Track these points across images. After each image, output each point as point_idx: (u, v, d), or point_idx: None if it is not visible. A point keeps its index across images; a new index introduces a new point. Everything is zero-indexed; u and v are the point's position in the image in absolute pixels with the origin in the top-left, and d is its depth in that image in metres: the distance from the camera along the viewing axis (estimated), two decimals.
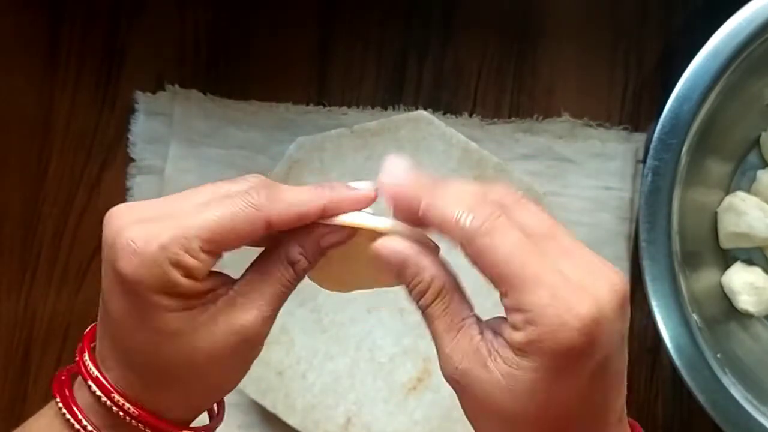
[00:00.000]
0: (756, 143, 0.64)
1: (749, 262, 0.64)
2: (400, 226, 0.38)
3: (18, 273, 0.67)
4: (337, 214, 0.39)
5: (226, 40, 0.68)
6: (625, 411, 0.39)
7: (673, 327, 0.56)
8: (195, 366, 0.38)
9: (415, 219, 0.38)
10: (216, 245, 0.37)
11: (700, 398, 0.56)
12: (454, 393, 0.36)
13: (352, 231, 0.39)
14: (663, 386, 0.65)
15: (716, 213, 0.63)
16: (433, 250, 0.39)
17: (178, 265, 0.36)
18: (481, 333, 0.37)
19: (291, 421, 0.63)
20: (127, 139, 0.67)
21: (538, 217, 0.37)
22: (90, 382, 0.39)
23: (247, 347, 0.39)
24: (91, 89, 0.68)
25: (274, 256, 0.39)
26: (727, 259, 0.64)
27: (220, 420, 0.44)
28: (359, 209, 0.39)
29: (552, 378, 0.35)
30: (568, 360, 0.34)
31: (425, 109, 0.66)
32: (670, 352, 0.56)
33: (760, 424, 0.56)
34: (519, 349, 0.35)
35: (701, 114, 0.57)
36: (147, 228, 0.36)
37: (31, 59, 0.68)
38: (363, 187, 0.40)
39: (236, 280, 0.39)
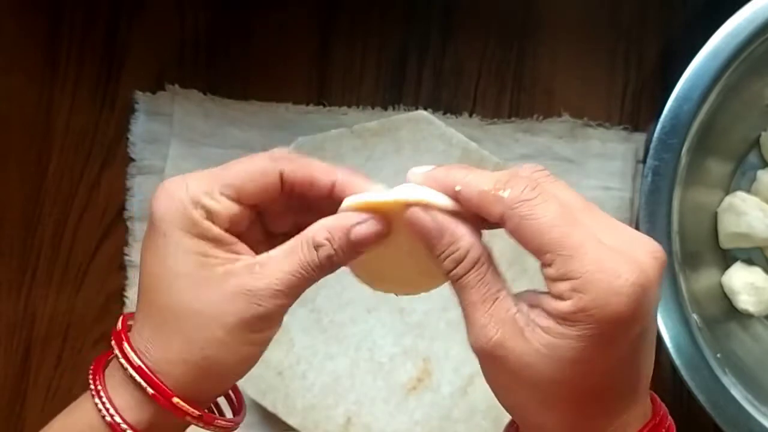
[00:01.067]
0: (756, 143, 0.64)
1: (749, 262, 0.64)
2: (433, 196, 0.38)
3: (18, 273, 0.67)
4: (348, 194, 0.39)
5: (226, 40, 0.68)
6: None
7: (673, 327, 0.56)
8: (198, 317, 0.38)
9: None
10: (234, 189, 0.39)
11: (700, 398, 0.56)
12: (453, 393, 0.36)
13: (386, 228, 0.38)
14: (663, 386, 0.65)
15: (716, 213, 0.63)
16: (468, 221, 0.38)
17: (198, 204, 0.39)
18: (516, 305, 0.36)
19: (291, 421, 0.63)
20: (127, 138, 0.67)
21: (569, 192, 0.37)
22: (122, 361, 0.39)
23: (253, 316, 0.38)
24: (91, 89, 0.68)
25: (300, 237, 0.39)
26: (727, 259, 0.64)
27: (242, 416, 0.44)
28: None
29: (596, 346, 0.35)
30: (615, 327, 0.34)
31: (425, 109, 0.66)
32: (670, 352, 0.56)
33: (760, 424, 0.56)
34: (564, 318, 0.35)
35: (701, 114, 0.57)
36: (182, 178, 0.40)
37: (31, 59, 0.68)
38: (379, 186, 0.40)
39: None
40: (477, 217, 0.38)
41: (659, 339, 0.56)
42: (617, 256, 0.34)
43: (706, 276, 0.62)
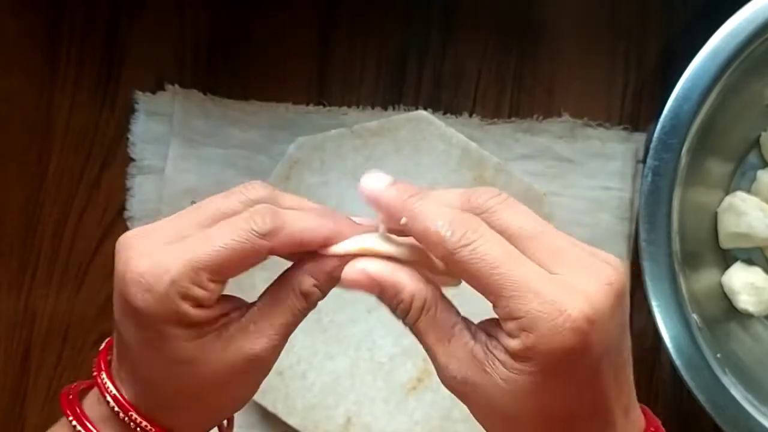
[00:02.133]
0: (756, 143, 0.64)
1: (749, 262, 0.64)
2: (400, 247, 0.38)
3: (18, 273, 0.67)
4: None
5: (226, 40, 0.68)
6: (635, 402, 0.39)
7: (673, 327, 0.56)
8: (207, 390, 0.39)
9: (400, 231, 0.38)
10: (223, 275, 0.37)
11: (700, 398, 0.56)
12: None
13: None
14: (663, 386, 0.65)
15: (716, 213, 0.63)
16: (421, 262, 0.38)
17: (187, 297, 0.37)
18: (474, 337, 0.37)
19: (291, 421, 0.63)
20: (127, 139, 0.67)
21: (524, 217, 0.37)
22: (109, 399, 0.40)
23: (257, 372, 0.40)
24: (91, 89, 0.68)
25: (286, 285, 0.39)
26: (727, 259, 0.64)
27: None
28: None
29: (551, 380, 0.35)
30: (566, 361, 0.34)
31: (425, 109, 0.66)
32: (670, 352, 0.56)
33: (760, 424, 0.56)
34: (516, 355, 0.35)
35: (701, 114, 0.57)
36: (155, 261, 0.37)
37: (31, 59, 0.68)
38: (366, 222, 0.40)
39: (249, 304, 0.40)
40: None
41: (659, 339, 0.56)
42: (562, 290, 0.34)
43: (706, 276, 0.62)
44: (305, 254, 0.39)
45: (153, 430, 0.40)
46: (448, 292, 0.39)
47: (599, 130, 0.66)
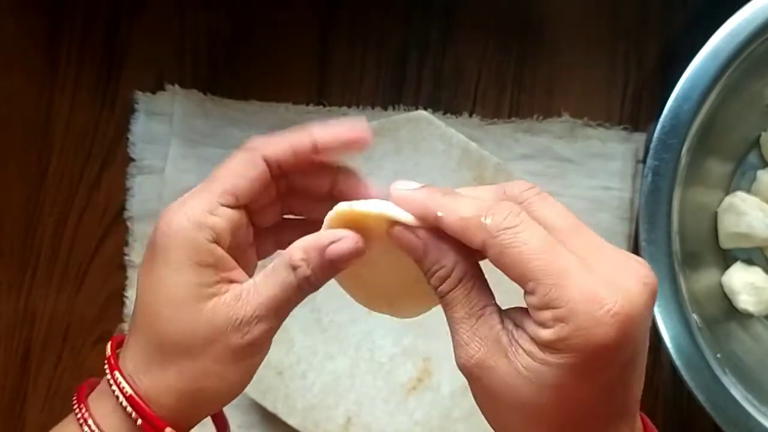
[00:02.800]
0: (756, 143, 0.64)
1: (749, 262, 0.64)
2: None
3: (18, 273, 0.67)
4: (333, 144, 0.41)
5: (226, 40, 0.68)
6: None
7: (673, 327, 0.56)
8: (190, 348, 0.39)
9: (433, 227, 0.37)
10: (231, 195, 0.40)
11: (700, 398, 0.56)
12: (454, 393, 0.36)
13: (362, 244, 0.38)
14: (663, 386, 0.65)
15: (716, 213, 0.63)
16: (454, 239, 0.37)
17: (202, 226, 0.39)
18: (502, 323, 0.36)
19: (291, 421, 0.63)
20: (127, 139, 0.67)
21: (559, 211, 0.36)
22: (105, 364, 0.40)
23: (241, 345, 0.39)
24: (91, 89, 0.68)
25: (280, 259, 0.39)
26: (727, 259, 0.64)
27: None
28: (352, 138, 0.41)
29: (580, 375, 0.34)
30: (600, 357, 0.34)
31: (425, 109, 0.66)
32: (670, 352, 0.56)
33: (760, 424, 0.56)
34: (546, 346, 0.34)
35: (701, 114, 0.57)
36: (179, 204, 0.40)
37: (31, 59, 0.68)
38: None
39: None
40: None
41: (659, 339, 0.56)
42: (602, 284, 0.34)
43: (706, 276, 0.62)
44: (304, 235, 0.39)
45: (151, 413, 0.39)
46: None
47: (599, 130, 0.66)
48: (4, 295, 0.67)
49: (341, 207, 0.39)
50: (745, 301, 0.61)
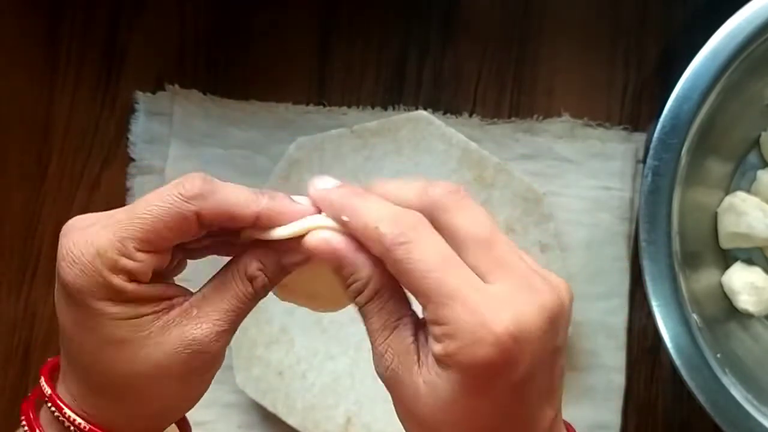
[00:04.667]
0: (756, 143, 0.64)
1: (749, 262, 0.63)
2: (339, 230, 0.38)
3: (18, 273, 0.67)
4: (272, 225, 0.38)
5: (226, 40, 0.68)
6: (560, 418, 0.38)
7: (673, 327, 0.56)
8: (145, 377, 0.37)
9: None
10: (150, 243, 0.37)
11: (700, 398, 0.56)
12: None
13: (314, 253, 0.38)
14: (663, 386, 0.65)
15: (716, 213, 0.63)
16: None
17: (116, 269, 0.36)
18: (415, 335, 0.36)
19: (291, 421, 0.63)
20: (127, 139, 0.67)
21: (477, 220, 0.36)
22: (46, 400, 0.39)
23: (200, 362, 0.38)
24: (91, 89, 0.68)
25: (232, 269, 0.38)
26: (727, 259, 0.64)
27: None
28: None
29: (469, 392, 0.34)
30: (485, 375, 0.34)
31: (425, 109, 0.66)
32: (670, 352, 0.56)
33: (760, 424, 0.56)
34: (439, 361, 0.34)
35: (701, 114, 0.57)
36: (84, 235, 0.37)
37: (31, 59, 0.68)
38: (304, 203, 0.39)
39: (196, 291, 0.39)
40: None
41: (659, 339, 0.56)
42: (492, 304, 0.34)
43: (706, 276, 0.62)
44: (253, 243, 0.38)
45: (87, 426, 0.38)
46: None
47: (599, 130, 0.66)
48: (4, 295, 0.67)
49: (278, 233, 0.38)
50: (745, 301, 0.61)
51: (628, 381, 0.65)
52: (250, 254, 0.38)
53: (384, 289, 0.37)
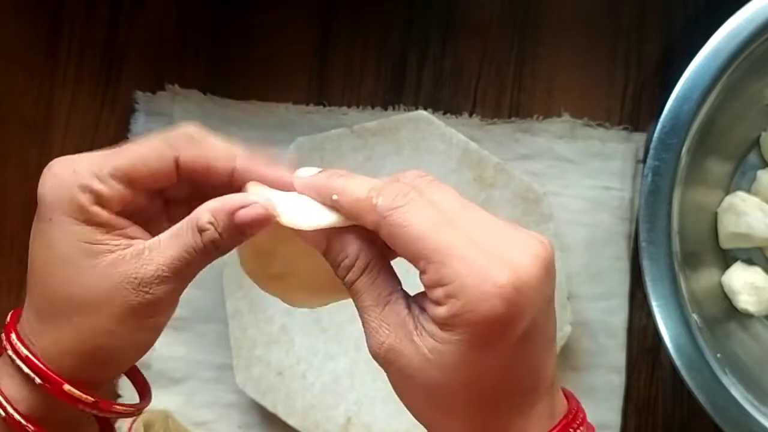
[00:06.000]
0: (756, 143, 0.64)
1: (749, 262, 0.63)
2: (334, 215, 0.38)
3: (18, 273, 0.67)
4: (250, 179, 0.39)
5: (226, 39, 0.68)
6: (557, 383, 0.38)
7: (673, 327, 0.56)
8: (84, 305, 0.38)
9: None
10: (125, 173, 0.38)
11: (700, 398, 0.56)
12: None
13: (271, 215, 0.38)
14: (663, 386, 0.65)
15: (716, 213, 0.63)
16: (358, 227, 0.38)
17: (86, 188, 0.38)
18: (408, 307, 0.37)
19: (291, 421, 0.63)
20: (127, 139, 0.67)
21: (450, 195, 0.37)
22: (3, 337, 0.40)
23: (141, 304, 0.38)
24: (91, 89, 0.68)
25: (187, 219, 0.39)
26: (727, 259, 0.64)
27: (140, 407, 0.43)
28: (274, 181, 0.39)
29: (477, 350, 0.35)
30: (492, 330, 0.34)
31: (425, 109, 0.66)
32: (670, 352, 0.56)
33: (760, 424, 0.56)
34: (443, 324, 0.35)
35: (701, 114, 0.57)
36: (69, 160, 0.39)
37: (31, 59, 0.68)
38: (281, 173, 0.39)
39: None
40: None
41: (659, 339, 0.56)
42: (489, 259, 0.34)
43: (706, 276, 0.62)
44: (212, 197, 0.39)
45: (48, 372, 0.38)
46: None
47: (599, 130, 0.66)
48: (4, 295, 0.67)
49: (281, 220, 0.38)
50: (745, 301, 0.61)
51: (628, 381, 0.65)
52: (204, 206, 0.38)
53: (373, 263, 0.37)
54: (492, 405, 0.36)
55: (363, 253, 0.37)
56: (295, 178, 0.39)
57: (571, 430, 0.37)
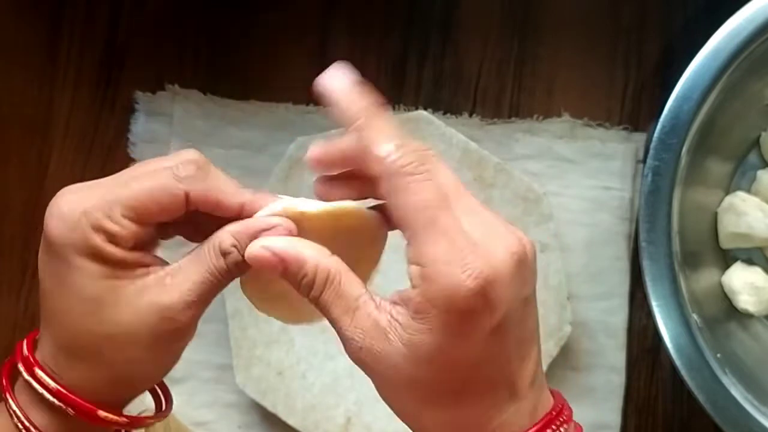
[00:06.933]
0: (756, 143, 0.64)
1: (749, 262, 0.63)
2: (322, 207, 0.39)
3: (18, 273, 0.67)
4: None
5: (226, 40, 0.68)
6: (544, 384, 0.39)
7: (673, 327, 0.56)
8: (113, 339, 0.38)
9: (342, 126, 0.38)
10: (136, 212, 0.38)
11: (700, 398, 0.56)
12: None
13: (294, 234, 0.39)
14: (663, 386, 0.65)
15: (716, 213, 0.63)
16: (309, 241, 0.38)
17: (99, 229, 0.37)
18: (378, 307, 0.37)
19: (291, 421, 0.63)
20: (127, 139, 0.67)
21: (451, 178, 0.37)
22: (19, 363, 0.40)
23: (168, 330, 0.39)
24: (91, 89, 0.68)
25: (208, 243, 0.39)
26: (727, 259, 0.64)
27: (165, 414, 0.44)
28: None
29: (449, 339, 0.35)
30: (463, 319, 0.35)
31: (425, 109, 0.66)
32: (670, 352, 0.56)
33: (760, 424, 0.56)
34: (415, 311, 0.35)
35: (701, 114, 0.57)
36: (76, 196, 0.38)
37: (31, 59, 0.68)
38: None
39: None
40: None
41: (659, 339, 0.56)
42: (471, 248, 0.35)
43: (706, 276, 0.62)
44: (230, 221, 0.39)
45: (56, 387, 0.39)
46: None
47: (599, 130, 0.66)
48: (4, 295, 0.67)
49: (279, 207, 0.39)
50: (745, 301, 0.61)
51: (628, 381, 0.65)
52: (226, 230, 0.39)
53: (334, 273, 0.37)
54: (467, 398, 0.37)
55: (320, 267, 0.37)
56: (324, 81, 0.40)
57: (553, 427, 0.37)
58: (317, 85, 0.39)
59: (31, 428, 0.39)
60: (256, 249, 0.38)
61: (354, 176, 0.40)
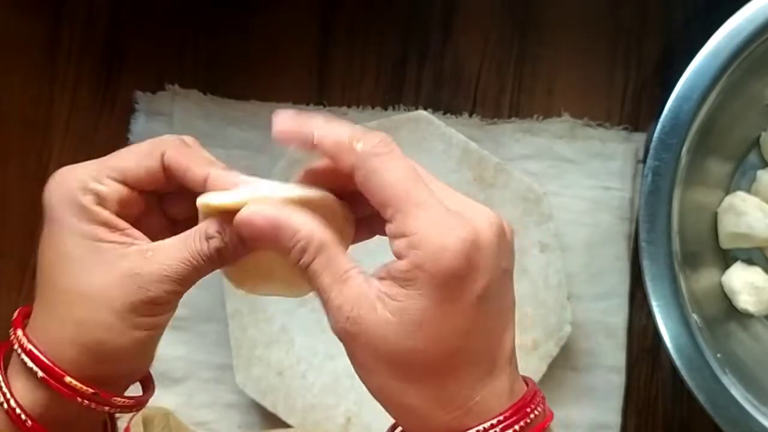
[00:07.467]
0: (756, 143, 0.64)
1: (749, 262, 0.64)
2: (278, 189, 0.40)
3: (18, 273, 0.67)
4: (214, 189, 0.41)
5: (226, 40, 0.68)
6: (515, 360, 0.39)
7: (673, 327, 0.56)
8: (86, 298, 0.39)
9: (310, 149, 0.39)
10: (119, 172, 0.41)
11: (700, 398, 0.56)
12: None
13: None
14: (663, 386, 0.65)
15: (716, 213, 0.63)
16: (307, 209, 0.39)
17: (87, 191, 0.40)
18: (367, 280, 0.37)
19: (291, 421, 0.63)
20: (127, 139, 0.67)
21: (417, 164, 0.39)
22: (11, 333, 0.41)
23: (142, 301, 0.39)
24: (91, 89, 0.68)
25: (194, 229, 0.41)
26: (727, 259, 0.64)
27: (141, 400, 0.43)
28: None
29: (437, 304, 0.36)
30: (450, 282, 0.36)
31: (425, 109, 0.66)
32: (670, 352, 0.56)
33: (760, 424, 0.56)
34: (403, 279, 0.36)
35: (701, 114, 0.57)
36: (70, 168, 0.41)
37: (31, 59, 0.68)
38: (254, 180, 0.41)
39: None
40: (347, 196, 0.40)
41: (659, 339, 0.56)
42: (453, 217, 0.36)
43: (706, 276, 0.62)
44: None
45: (50, 365, 0.39)
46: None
47: (599, 130, 0.66)
48: (4, 295, 0.67)
49: (204, 199, 0.40)
50: (745, 301, 0.61)
51: (628, 381, 0.65)
52: (213, 219, 0.40)
53: (328, 242, 0.38)
54: (452, 370, 0.37)
55: (316, 233, 0.38)
56: (275, 119, 0.40)
57: (530, 407, 0.38)
58: (275, 123, 0.40)
59: (11, 399, 0.40)
60: (248, 213, 0.39)
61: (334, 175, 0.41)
